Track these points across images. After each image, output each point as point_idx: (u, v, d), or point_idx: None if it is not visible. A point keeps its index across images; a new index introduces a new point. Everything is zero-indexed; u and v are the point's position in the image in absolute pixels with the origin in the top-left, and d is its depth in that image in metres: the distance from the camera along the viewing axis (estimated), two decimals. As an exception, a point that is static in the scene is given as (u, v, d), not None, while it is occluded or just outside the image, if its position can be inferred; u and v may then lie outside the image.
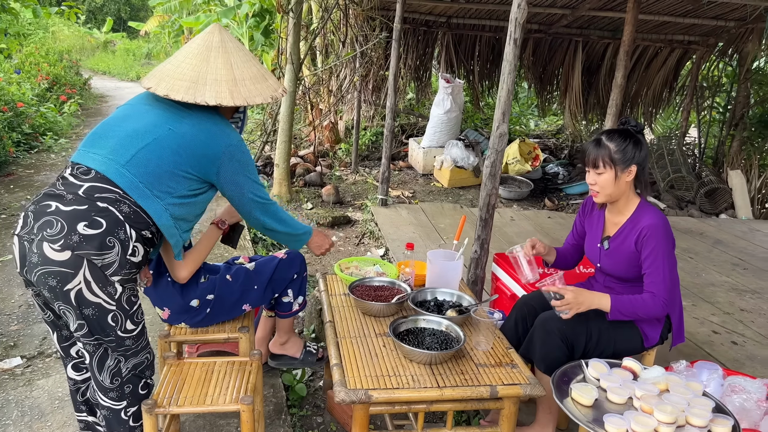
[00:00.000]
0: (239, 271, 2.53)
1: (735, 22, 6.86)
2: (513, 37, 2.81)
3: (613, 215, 2.43)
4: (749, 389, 2.23)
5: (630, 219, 2.34)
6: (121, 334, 1.99)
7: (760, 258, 5.10)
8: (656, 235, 2.23)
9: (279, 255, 2.63)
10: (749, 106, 7.45)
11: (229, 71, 2.10)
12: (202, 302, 2.42)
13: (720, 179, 6.98)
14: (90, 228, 1.84)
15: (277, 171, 5.99)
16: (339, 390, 1.88)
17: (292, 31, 5.75)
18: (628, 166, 2.27)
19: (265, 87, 2.17)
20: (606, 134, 2.32)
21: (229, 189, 2.16)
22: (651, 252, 2.23)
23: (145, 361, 2.12)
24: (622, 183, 2.30)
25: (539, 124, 11.60)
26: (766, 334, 3.66)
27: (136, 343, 2.06)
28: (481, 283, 3.24)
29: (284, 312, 2.69)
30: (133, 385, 2.09)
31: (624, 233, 2.35)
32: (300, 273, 2.65)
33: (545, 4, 6.98)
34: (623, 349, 2.31)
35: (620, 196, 2.35)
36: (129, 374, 2.07)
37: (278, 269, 2.57)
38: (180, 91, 2.01)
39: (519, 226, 5.43)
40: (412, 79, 8.57)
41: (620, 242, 2.36)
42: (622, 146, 2.27)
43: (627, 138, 2.28)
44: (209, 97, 2.02)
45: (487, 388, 1.94)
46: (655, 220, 2.25)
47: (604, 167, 2.28)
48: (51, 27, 18.83)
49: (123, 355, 2.04)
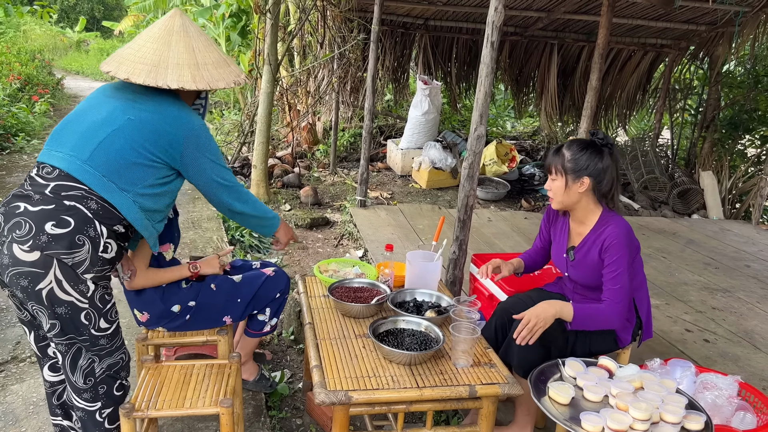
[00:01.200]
0: (225, 282, 2.50)
1: (706, 26, 7.01)
2: (490, 40, 2.84)
3: (576, 225, 2.43)
4: (721, 386, 2.28)
5: (593, 229, 2.34)
6: (95, 333, 1.98)
7: (730, 257, 5.21)
8: (618, 245, 2.23)
9: (267, 272, 2.60)
10: (720, 108, 7.62)
11: (191, 55, 2.06)
12: (183, 308, 2.40)
13: (692, 180, 7.13)
14: (58, 227, 1.83)
15: (255, 172, 5.96)
16: (319, 391, 1.88)
17: (270, 32, 5.73)
18: (580, 177, 2.26)
19: (228, 72, 2.13)
20: (567, 143, 2.33)
21: (194, 174, 2.12)
22: (612, 262, 2.24)
23: (120, 361, 2.09)
24: (573, 193, 2.29)
25: (516, 125, 11.72)
26: (736, 332, 3.74)
27: (110, 343, 2.04)
28: (459, 284, 3.26)
29: (254, 330, 2.65)
30: (107, 386, 2.07)
31: (588, 244, 2.35)
32: (283, 293, 2.63)
33: (521, 7, 7.06)
34: (599, 349, 2.36)
35: (574, 205, 2.34)
36: (103, 375, 2.05)
37: (264, 286, 2.55)
38: (141, 75, 1.97)
39: (496, 227, 5.48)
40: (390, 80, 8.60)
41: (584, 253, 2.36)
42: (575, 156, 2.26)
43: (585, 149, 2.27)
44: (171, 81, 1.98)
45: (466, 388, 1.95)
46: (616, 229, 2.25)
47: (556, 174, 2.31)
48: (23, 26, 18.47)
49: (97, 355, 2.02)
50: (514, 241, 5.08)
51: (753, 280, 4.69)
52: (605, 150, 2.29)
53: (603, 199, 2.34)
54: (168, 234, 2.46)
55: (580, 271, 2.39)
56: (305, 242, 5.06)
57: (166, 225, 2.43)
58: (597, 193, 2.31)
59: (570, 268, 2.45)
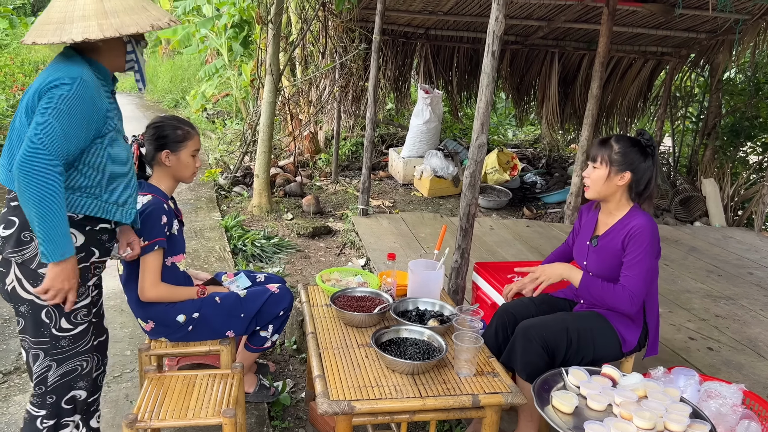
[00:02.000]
0: (230, 296, 2.53)
1: (706, 34, 7.03)
2: (491, 49, 2.85)
3: (605, 216, 2.50)
4: (725, 394, 2.27)
5: (620, 220, 2.41)
6: (56, 333, 1.96)
7: (733, 265, 5.20)
8: (642, 235, 2.29)
9: (272, 288, 2.61)
10: (721, 115, 7.63)
11: (99, 4, 1.88)
12: (187, 318, 2.42)
13: (694, 187, 7.12)
14: (6, 229, 1.88)
15: (257, 181, 5.97)
16: (322, 401, 1.88)
17: (272, 42, 5.76)
18: (623, 170, 2.34)
19: (144, 17, 1.93)
20: (616, 137, 2.40)
21: None
22: (634, 249, 2.29)
23: (78, 368, 2.04)
24: (613, 185, 2.37)
25: (517, 133, 11.74)
26: (740, 340, 3.73)
27: (72, 346, 2.00)
28: (461, 293, 3.26)
29: (255, 346, 2.67)
30: (57, 396, 2.01)
31: (613, 233, 2.41)
32: (286, 310, 2.64)
33: (522, 16, 7.09)
34: (603, 354, 2.35)
35: (609, 197, 2.42)
36: (56, 384, 2.00)
37: (268, 303, 2.56)
38: (47, 35, 1.85)
39: (498, 235, 5.47)
40: (391, 89, 8.63)
41: (608, 241, 2.41)
42: (624, 150, 2.34)
43: (633, 145, 2.35)
44: (76, 34, 1.83)
45: (469, 397, 1.95)
46: (644, 221, 2.32)
47: (601, 163, 2.37)
48: (25, 37, 18.58)
49: (55, 360, 1.98)
50: (516, 249, 5.07)
51: (756, 287, 4.67)
52: (649, 151, 2.36)
53: (637, 198, 2.41)
54: (181, 243, 2.49)
55: (599, 257, 2.44)
56: (307, 251, 5.07)
57: (178, 235, 2.45)
58: (633, 190, 2.39)
59: (590, 255, 2.50)
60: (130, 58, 2.03)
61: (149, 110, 13.52)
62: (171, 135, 2.41)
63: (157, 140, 2.41)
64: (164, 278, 2.41)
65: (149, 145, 2.43)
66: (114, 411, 2.74)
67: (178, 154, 2.42)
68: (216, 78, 10.21)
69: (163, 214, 2.35)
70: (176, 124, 2.45)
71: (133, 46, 2.02)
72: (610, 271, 2.41)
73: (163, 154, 2.41)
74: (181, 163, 2.43)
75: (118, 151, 1.97)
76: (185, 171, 2.45)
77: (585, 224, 2.62)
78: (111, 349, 3.25)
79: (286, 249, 5.02)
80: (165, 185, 2.46)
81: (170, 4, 10.52)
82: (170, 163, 2.42)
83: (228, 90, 10.97)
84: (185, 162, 2.43)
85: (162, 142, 2.41)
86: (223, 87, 11.07)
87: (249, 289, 2.60)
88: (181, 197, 6.29)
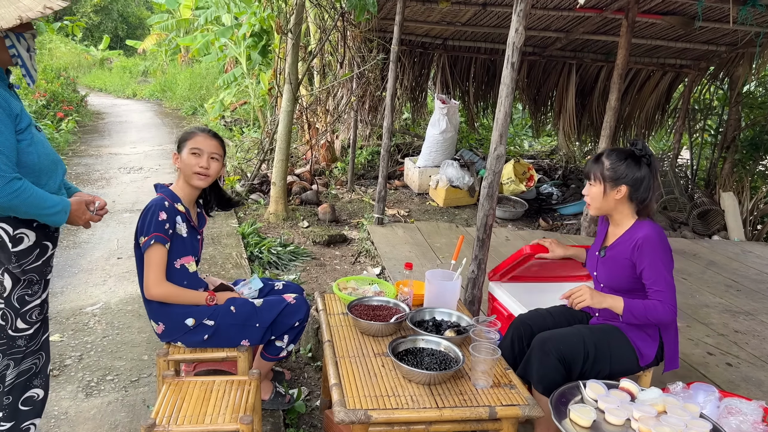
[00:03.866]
0: (246, 305, 2.54)
1: (726, 47, 6.98)
2: (510, 61, 2.86)
3: (613, 227, 2.51)
4: (745, 411, 2.24)
5: (627, 231, 2.42)
6: (12, 333, 1.98)
7: (752, 279, 5.14)
8: (651, 246, 2.29)
9: (288, 299, 2.62)
10: (740, 128, 7.56)
11: None
12: (198, 323, 2.43)
13: (712, 201, 7.05)
14: None
15: (274, 189, 6.01)
16: (338, 410, 1.88)
17: (291, 51, 5.82)
18: (618, 185, 2.35)
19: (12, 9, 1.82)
20: (607, 152, 2.42)
21: None
22: (649, 263, 2.29)
23: (33, 367, 2.06)
24: (611, 200, 2.38)
25: (533, 144, 11.71)
26: (760, 356, 3.68)
27: (27, 345, 2.03)
28: (478, 303, 3.26)
29: (271, 355, 2.67)
30: (13, 397, 2.03)
31: (620, 244, 2.41)
32: (302, 321, 2.64)
33: (540, 27, 7.09)
34: (620, 368, 2.34)
35: (611, 212, 2.44)
36: (13, 383, 2.02)
37: (283, 313, 2.57)
38: None
39: (514, 246, 5.45)
40: (408, 99, 8.66)
41: (616, 252, 2.42)
42: (615, 165, 2.36)
43: (624, 159, 2.35)
44: None
45: (486, 409, 1.94)
46: (649, 231, 2.32)
47: (595, 181, 2.41)
48: (48, 44, 18.92)
49: (13, 359, 2.00)
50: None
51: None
52: (643, 160, 2.37)
53: (639, 206, 2.41)
54: (190, 246, 2.51)
55: (608, 268, 2.46)
56: (323, 259, 5.08)
57: (187, 237, 2.47)
58: (634, 201, 2.39)
59: (600, 266, 2.52)
60: (12, 52, 1.95)
61: (168, 117, 13.69)
62: (180, 138, 2.56)
63: (176, 145, 2.58)
64: (174, 280, 2.44)
65: None
66: (131, 415, 2.77)
67: (181, 155, 2.51)
68: (234, 86, 10.32)
69: (162, 211, 2.39)
70: (191, 128, 2.60)
71: (12, 40, 1.94)
72: (619, 281, 2.42)
73: (174, 156, 2.54)
74: (183, 162, 2.50)
75: (40, 143, 1.99)
76: (187, 170, 2.50)
77: (598, 235, 2.64)
78: (129, 353, 3.30)
79: (302, 256, 5.04)
80: (180, 188, 2.54)
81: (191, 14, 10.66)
82: (179, 164, 2.52)
83: (246, 98, 11.07)
84: (186, 161, 2.49)
85: (177, 145, 2.57)
86: (242, 95, 11.18)
87: (265, 299, 2.61)
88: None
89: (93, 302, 3.93)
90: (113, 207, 6.18)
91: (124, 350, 3.34)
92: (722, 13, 5.79)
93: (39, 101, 10.22)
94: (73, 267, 4.51)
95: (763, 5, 4.86)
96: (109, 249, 4.92)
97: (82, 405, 2.83)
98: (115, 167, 8.06)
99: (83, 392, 2.93)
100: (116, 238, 5.21)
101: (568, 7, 6.19)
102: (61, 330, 3.53)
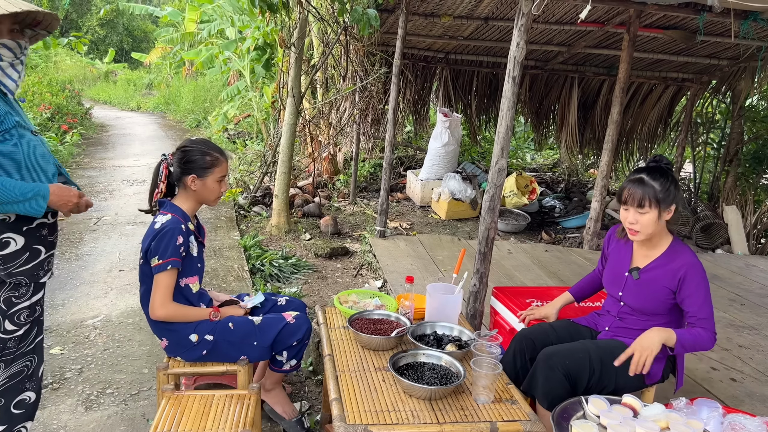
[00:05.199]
0: (244, 323, 2.52)
1: (728, 61, 7.00)
2: (512, 75, 2.87)
3: (643, 248, 2.43)
4: (749, 427, 2.22)
5: (665, 254, 2.36)
6: (1, 335, 1.97)
7: (756, 294, 5.11)
8: (697, 274, 2.26)
9: (288, 317, 2.58)
10: (743, 142, 7.56)
11: None
12: (200, 339, 2.43)
13: (715, 214, 7.03)
14: None
15: (276, 201, 6.02)
16: (338, 425, 1.87)
17: (294, 65, 5.85)
18: (670, 205, 2.29)
19: None
20: (647, 173, 2.30)
21: None
22: (695, 290, 2.26)
23: (25, 369, 2.04)
24: (662, 221, 2.31)
25: (536, 157, 11.72)
26: (764, 371, 3.65)
27: (17, 346, 2.02)
28: (479, 317, 3.24)
29: (275, 367, 2.66)
30: (6, 399, 2.02)
31: (658, 267, 2.36)
32: (302, 340, 2.60)
33: (542, 41, 7.12)
34: (624, 385, 2.32)
35: (657, 234, 2.36)
36: (4, 386, 2.00)
37: (282, 332, 2.54)
38: None
39: (516, 259, 5.44)
40: (410, 112, 8.69)
41: (654, 276, 2.36)
42: (665, 186, 2.27)
43: (668, 177, 2.30)
44: None
45: (487, 425, 1.93)
46: (693, 258, 2.29)
47: (650, 207, 2.27)
48: (53, 57, 19.07)
49: (4, 361, 1.99)
50: (534, 274, 5.03)
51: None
52: (670, 174, 2.33)
53: (672, 225, 2.38)
54: (197, 265, 2.50)
55: (641, 290, 2.39)
56: (324, 272, 5.07)
57: (196, 256, 2.47)
58: (672, 219, 2.33)
59: (629, 287, 2.44)
60: None
61: (171, 129, 13.75)
62: (199, 161, 2.43)
63: (185, 164, 2.43)
64: (175, 298, 2.42)
65: (177, 167, 2.45)
66: (131, 429, 2.75)
67: (204, 180, 2.44)
68: (238, 99, 10.37)
69: (180, 235, 2.35)
70: (205, 149, 2.46)
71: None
72: (650, 304, 2.38)
73: (189, 179, 2.43)
74: (207, 188, 2.46)
75: (28, 144, 1.98)
76: (210, 195, 2.48)
77: (617, 253, 2.54)
78: (129, 366, 3.29)
79: (304, 269, 5.03)
80: (187, 206, 2.48)
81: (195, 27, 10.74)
82: (196, 187, 2.44)
83: (249, 111, 11.13)
84: (210, 187, 2.46)
85: (189, 166, 2.43)
86: (245, 108, 11.23)
87: (264, 317, 2.58)
88: (201, 216, 6.36)
89: (94, 315, 3.92)
90: (116, 219, 6.19)
91: (124, 363, 3.33)
92: (724, 28, 5.81)
93: (44, 114, 10.28)
94: (74, 279, 4.51)
95: (765, 20, 4.87)
96: (111, 261, 4.93)
97: (81, 418, 2.82)
98: (118, 179, 8.09)
99: (83, 405, 2.92)
100: (118, 250, 5.21)
101: (570, 21, 6.22)
102: (61, 343, 3.52)
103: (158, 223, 2.36)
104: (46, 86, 12.39)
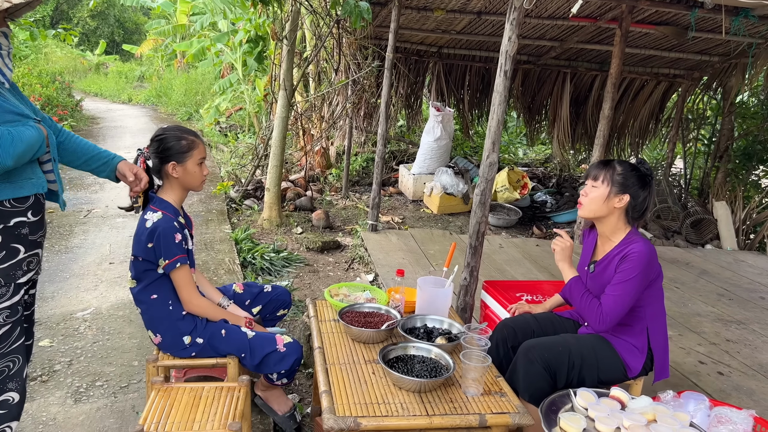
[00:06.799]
0: (236, 334, 2.47)
1: (719, 57, 7.03)
2: (503, 69, 2.87)
3: (602, 242, 2.49)
4: (735, 420, 2.24)
5: (618, 245, 2.39)
6: None
7: (745, 289, 5.15)
8: (636, 260, 2.27)
9: (279, 343, 2.47)
10: (733, 138, 7.60)
11: None
12: (192, 341, 2.43)
13: (705, 210, 7.08)
14: None
15: (268, 195, 6.01)
16: (328, 417, 1.87)
17: (286, 58, 5.82)
18: (623, 192, 2.34)
19: None
20: (618, 160, 2.43)
21: None
22: (623, 271, 2.29)
23: (6, 370, 2.00)
24: (610, 206, 2.36)
25: (528, 152, 11.75)
26: (751, 365, 3.68)
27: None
28: (470, 310, 3.25)
29: (266, 380, 2.61)
30: None
31: (610, 258, 2.39)
32: (289, 369, 2.49)
33: (534, 36, 7.12)
34: (607, 378, 2.34)
35: (602, 219, 2.41)
36: None
37: (270, 357, 2.45)
38: None
39: (508, 254, 5.46)
40: (403, 106, 8.68)
41: (605, 267, 2.40)
42: (626, 173, 2.36)
43: (634, 170, 2.37)
44: None
45: (476, 417, 1.94)
46: (640, 247, 2.30)
47: (602, 182, 2.37)
48: (44, 49, 18.89)
49: None
50: (525, 269, 5.05)
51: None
52: (647, 180, 2.39)
53: (632, 221, 2.42)
54: (190, 258, 2.50)
55: (596, 284, 2.44)
56: (316, 265, 5.07)
57: (189, 251, 2.46)
58: (628, 214, 2.39)
59: (589, 281, 2.49)
60: None
61: (163, 122, 13.67)
62: (175, 146, 2.38)
63: (161, 153, 2.39)
64: (170, 292, 2.42)
65: (155, 158, 2.40)
66: (120, 422, 2.75)
67: (184, 165, 2.40)
68: (230, 92, 10.32)
69: (176, 233, 2.34)
70: (179, 134, 2.42)
71: None
72: None
73: (170, 166, 2.39)
74: (189, 173, 2.42)
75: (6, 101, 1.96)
76: (193, 180, 2.45)
77: (585, 248, 2.62)
78: (119, 359, 3.28)
79: (295, 263, 5.03)
80: (174, 196, 2.45)
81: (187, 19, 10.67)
82: (177, 174, 2.40)
83: (241, 104, 11.08)
84: (192, 171, 2.42)
85: (167, 154, 2.38)
86: (237, 101, 11.18)
87: (257, 335, 2.49)
88: (192, 209, 6.33)
89: (84, 307, 3.90)
90: (107, 212, 6.16)
91: (114, 356, 3.32)
92: (715, 24, 5.83)
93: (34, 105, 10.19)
94: (64, 272, 4.48)
95: (756, 16, 4.90)
96: (102, 254, 4.90)
97: (70, 411, 2.81)
98: (109, 172, 8.03)
99: (72, 398, 2.91)
100: (109, 242, 5.19)
101: (563, 16, 6.22)
102: (51, 335, 3.51)
103: (149, 221, 2.33)
104: (36, 78, 12.27)
